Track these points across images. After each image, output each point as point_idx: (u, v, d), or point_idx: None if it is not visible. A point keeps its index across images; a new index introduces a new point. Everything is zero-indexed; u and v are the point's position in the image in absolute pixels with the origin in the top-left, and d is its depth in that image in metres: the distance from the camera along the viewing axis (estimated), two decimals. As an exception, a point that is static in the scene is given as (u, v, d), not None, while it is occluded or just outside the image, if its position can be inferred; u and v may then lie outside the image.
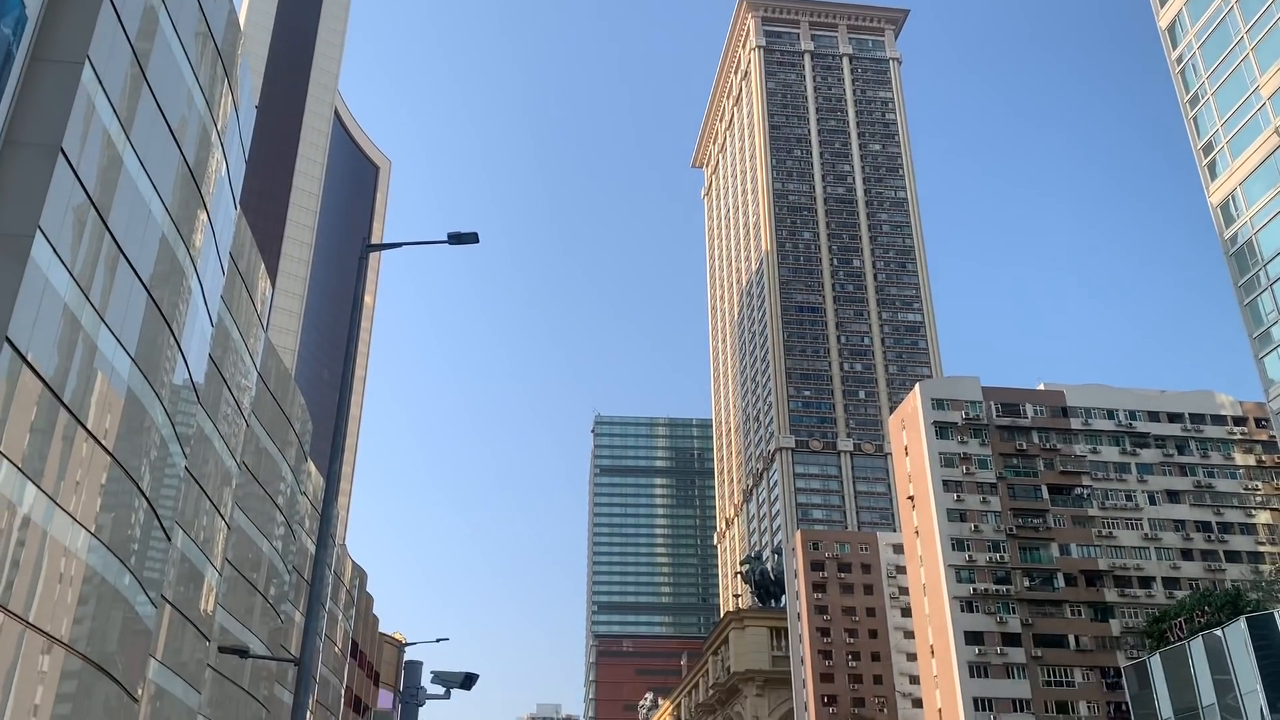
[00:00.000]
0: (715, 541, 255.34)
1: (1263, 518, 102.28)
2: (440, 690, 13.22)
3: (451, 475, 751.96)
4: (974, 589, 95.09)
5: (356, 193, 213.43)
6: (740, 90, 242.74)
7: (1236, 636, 56.49)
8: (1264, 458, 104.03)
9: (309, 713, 22.43)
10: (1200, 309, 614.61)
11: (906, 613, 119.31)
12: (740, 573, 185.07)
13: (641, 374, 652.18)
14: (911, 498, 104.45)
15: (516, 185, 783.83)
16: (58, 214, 22.22)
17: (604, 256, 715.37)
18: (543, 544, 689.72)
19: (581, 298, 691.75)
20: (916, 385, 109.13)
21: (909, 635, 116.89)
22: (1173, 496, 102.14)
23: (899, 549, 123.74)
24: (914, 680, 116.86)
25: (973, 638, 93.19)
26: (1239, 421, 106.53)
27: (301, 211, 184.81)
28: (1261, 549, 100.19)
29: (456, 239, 20.78)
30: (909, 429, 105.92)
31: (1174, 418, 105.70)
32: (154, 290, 27.41)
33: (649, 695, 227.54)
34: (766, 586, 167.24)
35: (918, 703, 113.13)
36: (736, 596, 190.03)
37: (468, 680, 13.14)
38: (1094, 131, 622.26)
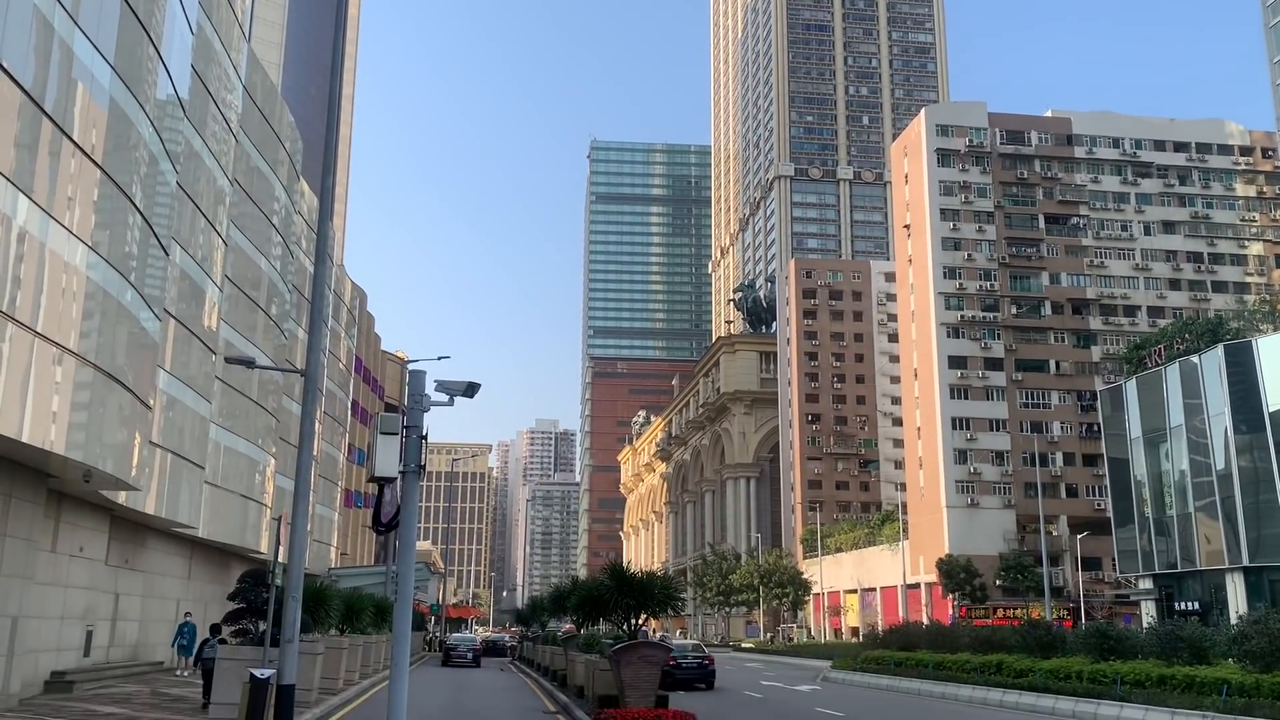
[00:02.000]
0: (710, 269, 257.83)
1: (1255, 249, 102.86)
2: (444, 398, 13.65)
3: (452, 195, 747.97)
4: (962, 315, 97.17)
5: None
6: None
7: (1211, 362, 58.23)
8: (1265, 189, 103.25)
9: (316, 422, 23.40)
10: (1223, 40, 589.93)
11: (894, 339, 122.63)
12: (733, 300, 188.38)
13: (641, 99, 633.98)
14: (908, 226, 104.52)
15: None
16: (13, -96, 20.55)
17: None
18: (543, 268, 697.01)
19: (578, 11, 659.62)
20: (922, 110, 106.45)
21: (894, 360, 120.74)
22: (1168, 227, 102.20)
23: (890, 277, 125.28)
24: (895, 401, 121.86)
25: (956, 362, 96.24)
26: (1245, 151, 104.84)
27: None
28: (1249, 279, 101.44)
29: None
30: (911, 156, 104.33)
31: (1180, 147, 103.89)
32: (126, -6, 25.85)
33: (641, 413, 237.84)
34: (758, 313, 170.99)
35: (898, 422, 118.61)
36: (729, 323, 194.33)
37: (470, 388, 13.53)
38: None
